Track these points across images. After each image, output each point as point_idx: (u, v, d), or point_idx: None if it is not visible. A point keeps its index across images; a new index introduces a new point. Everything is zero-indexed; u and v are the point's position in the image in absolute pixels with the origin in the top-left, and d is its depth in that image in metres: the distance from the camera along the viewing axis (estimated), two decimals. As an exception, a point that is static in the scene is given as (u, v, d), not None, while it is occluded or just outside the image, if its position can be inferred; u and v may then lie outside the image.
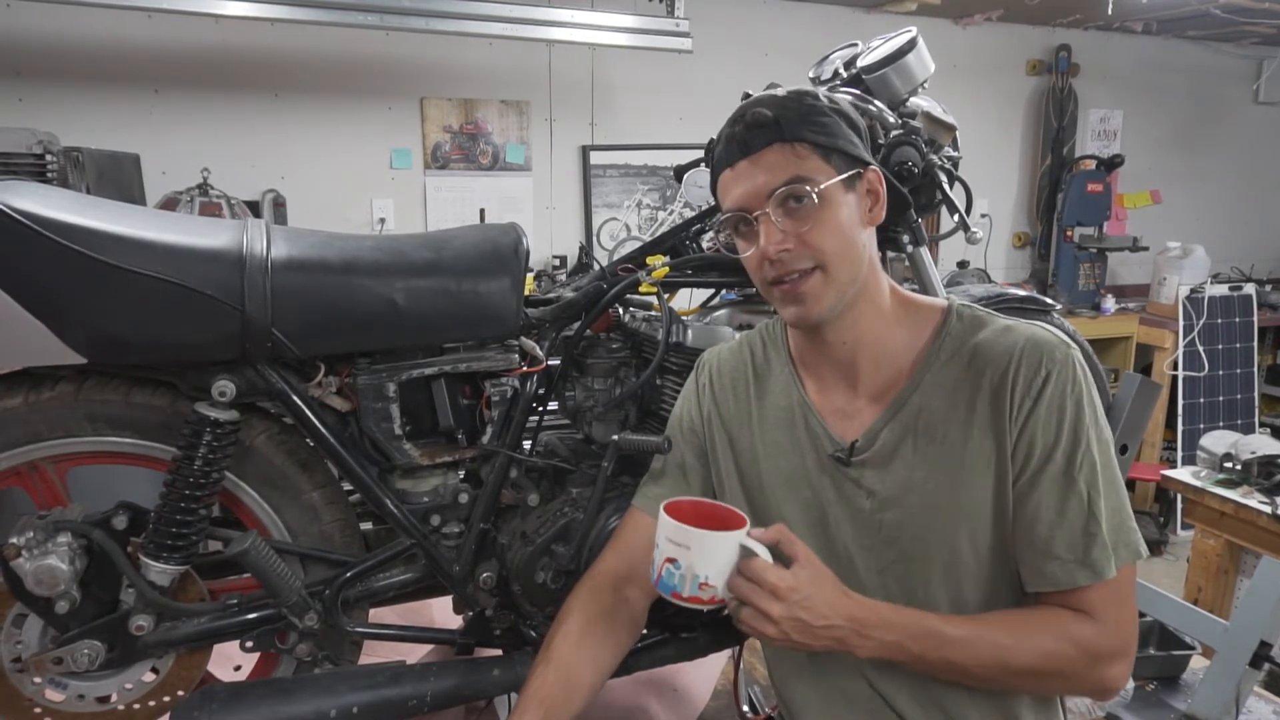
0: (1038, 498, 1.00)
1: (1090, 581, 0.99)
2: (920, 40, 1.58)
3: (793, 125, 1.02)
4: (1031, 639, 0.99)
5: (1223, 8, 3.93)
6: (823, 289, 1.04)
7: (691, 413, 1.24)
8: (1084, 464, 0.99)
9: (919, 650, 0.98)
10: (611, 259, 1.61)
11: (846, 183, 1.03)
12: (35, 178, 2.31)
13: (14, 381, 1.19)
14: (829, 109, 1.04)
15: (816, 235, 1.02)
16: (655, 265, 1.51)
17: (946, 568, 1.05)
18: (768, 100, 1.04)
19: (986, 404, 1.02)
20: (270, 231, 1.23)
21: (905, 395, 1.06)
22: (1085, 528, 0.98)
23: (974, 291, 1.81)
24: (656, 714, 1.67)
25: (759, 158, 1.02)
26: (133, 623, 1.23)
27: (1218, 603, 2.52)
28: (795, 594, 0.93)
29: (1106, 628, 0.99)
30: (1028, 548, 1.02)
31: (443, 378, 1.35)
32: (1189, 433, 4.29)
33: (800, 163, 1.01)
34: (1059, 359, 1.00)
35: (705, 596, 0.96)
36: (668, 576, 0.96)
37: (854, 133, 1.06)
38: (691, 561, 0.95)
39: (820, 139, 1.02)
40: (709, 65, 3.82)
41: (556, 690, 1.07)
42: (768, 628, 0.94)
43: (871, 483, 1.08)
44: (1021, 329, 1.04)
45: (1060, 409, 0.99)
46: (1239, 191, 5.27)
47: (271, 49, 3.21)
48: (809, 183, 1.01)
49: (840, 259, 1.03)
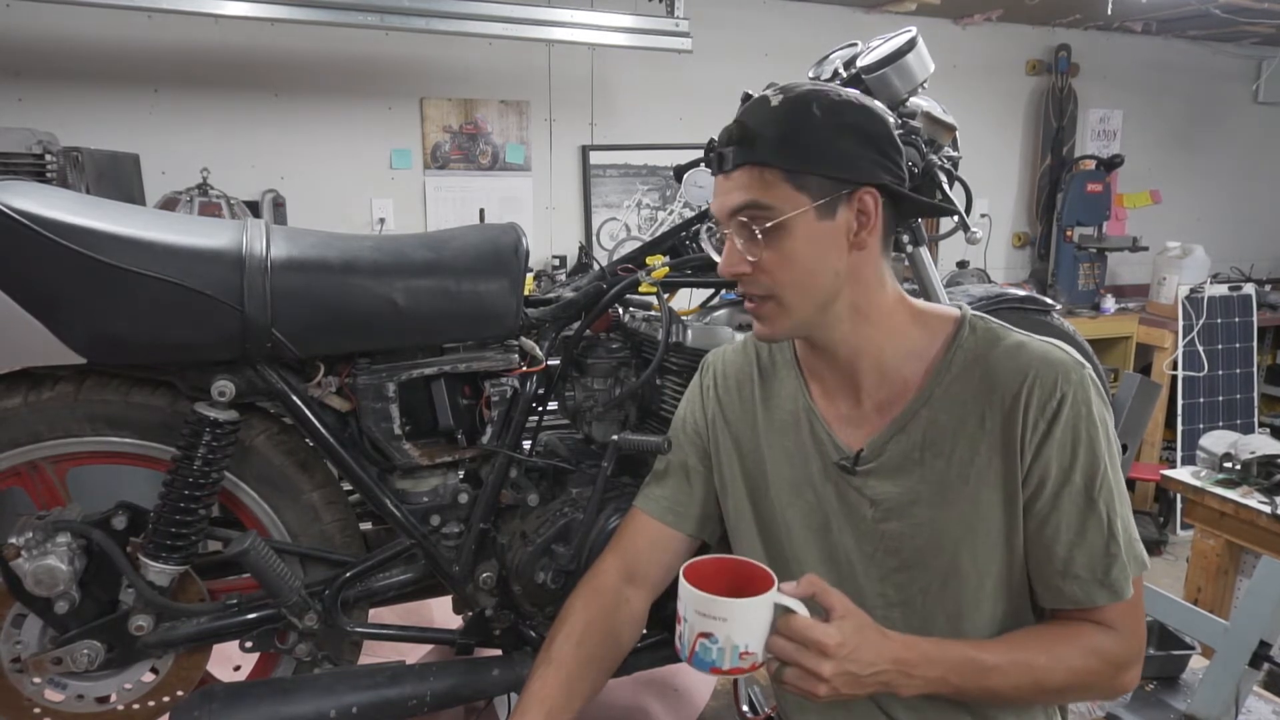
0: (1057, 520, 0.99)
1: (1109, 601, 0.99)
2: (920, 40, 1.58)
3: (766, 147, 0.96)
4: (1062, 658, 0.99)
5: (1223, 8, 3.93)
6: (777, 315, 1.03)
7: (695, 414, 1.24)
8: (1103, 486, 0.98)
9: (960, 682, 0.97)
10: (611, 259, 1.61)
11: (823, 209, 0.97)
12: (35, 178, 2.30)
13: (14, 381, 1.19)
14: (825, 124, 0.96)
15: (773, 265, 0.99)
16: (655, 265, 1.51)
17: (947, 580, 1.04)
18: (756, 112, 0.99)
19: (997, 423, 1.00)
20: (270, 231, 1.23)
21: (914, 408, 1.04)
22: (1106, 549, 0.98)
23: (974, 291, 1.81)
24: (656, 714, 1.67)
25: (730, 174, 1.00)
26: (132, 623, 1.23)
27: (1217, 603, 2.52)
28: (844, 648, 0.89)
29: (1124, 637, 1.00)
30: (1045, 568, 1.01)
31: (442, 378, 1.35)
32: (1189, 433, 4.28)
33: (764, 190, 0.97)
34: (1074, 380, 0.98)
35: (746, 665, 0.89)
36: (703, 652, 0.88)
37: (865, 146, 0.98)
38: (729, 633, 0.88)
39: (792, 164, 0.96)
40: (709, 65, 3.81)
41: (557, 691, 1.07)
42: (819, 687, 0.89)
43: (875, 492, 1.07)
44: (1035, 347, 1.02)
45: (1075, 431, 0.98)
46: (1239, 191, 5.26)
47: (271, 49, 3.20)
48: (766, 212, 0.97)
49: (795, 290, 1.00)
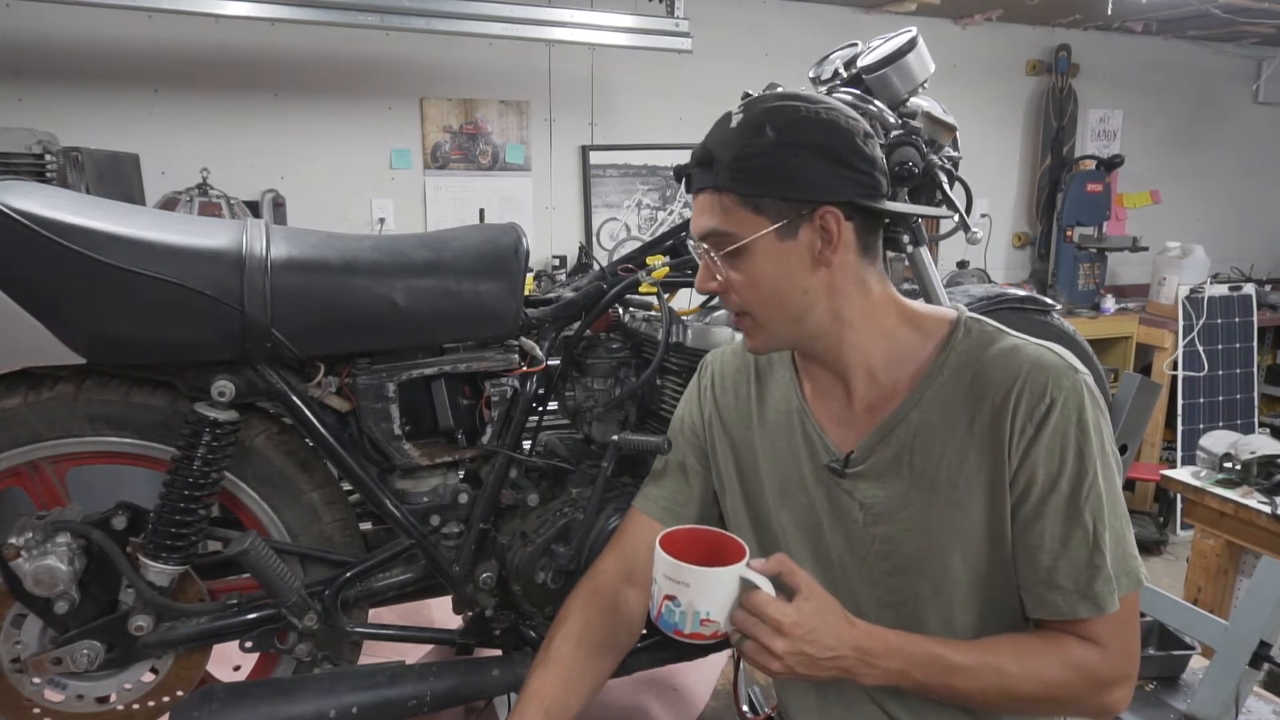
0: (1041, 527, 0.97)
1: (1092, 614, 0.97)
2: (920, 40, 1.58)
3: (722, 172, 0.97)
4: (1036, 668, 0.97)
5: (1223, 8, 3.93)
6: (755, 331, 1.05)
7: (693, 414, 1.24)
8: (1090, 495, 0.95)
9: (923, 678, 0.97)
10: (611, 259, 1.61)
11: (783, 231, 0.97)
12: (35, 178, 2.30)
13: (13, 381, 1.19)
14: (779, 144, 0.95)
15: (741, 286, 1.01)
16: (655, 265, 1.51)
17: (938, 585, 1.04)
18: (715, 134, 1.00)
19: (986, 427, 0.99)
20: (270, 231, 1.23)
21: (904, 410, 1.04)
22: (1090, 560, 0.96)
23: (974, 292, 1.81)
24: (656, 714, 1.67)
25: (696, 198, 1.02)
26: (132, 623, 1.23)
27: (1217, 603, 2.52)
28: (799, 628, 0.91)
29: (1111, 654, 0.98)
30: (1030, 576, 1.00)
31: (442, 378, 1.35)
32: (1189, 433, 4.28)
33: (723, 215, 0.99)
34: (1065, 386, 0.96)
35: (708, 632, 0.94)
36: (668, 614, 0.94)
37: (821, 162, 0.96)
38: (692, 598, 0.93)
39: (745, 190, 0.97)
40: (709, 65, 3.81)
41: (556, 691, 1.07)
42: (771, 663, 0.92)
43: (864, 495, 1.06)
44: (1028, 350, 0.99)
45: (1064, 437, 0.95)
46: (1239, 191, 5.26)
47: (271, 49, 3.20)
48: (725, 238, 0.99)
49: (766, 308, 1.02)
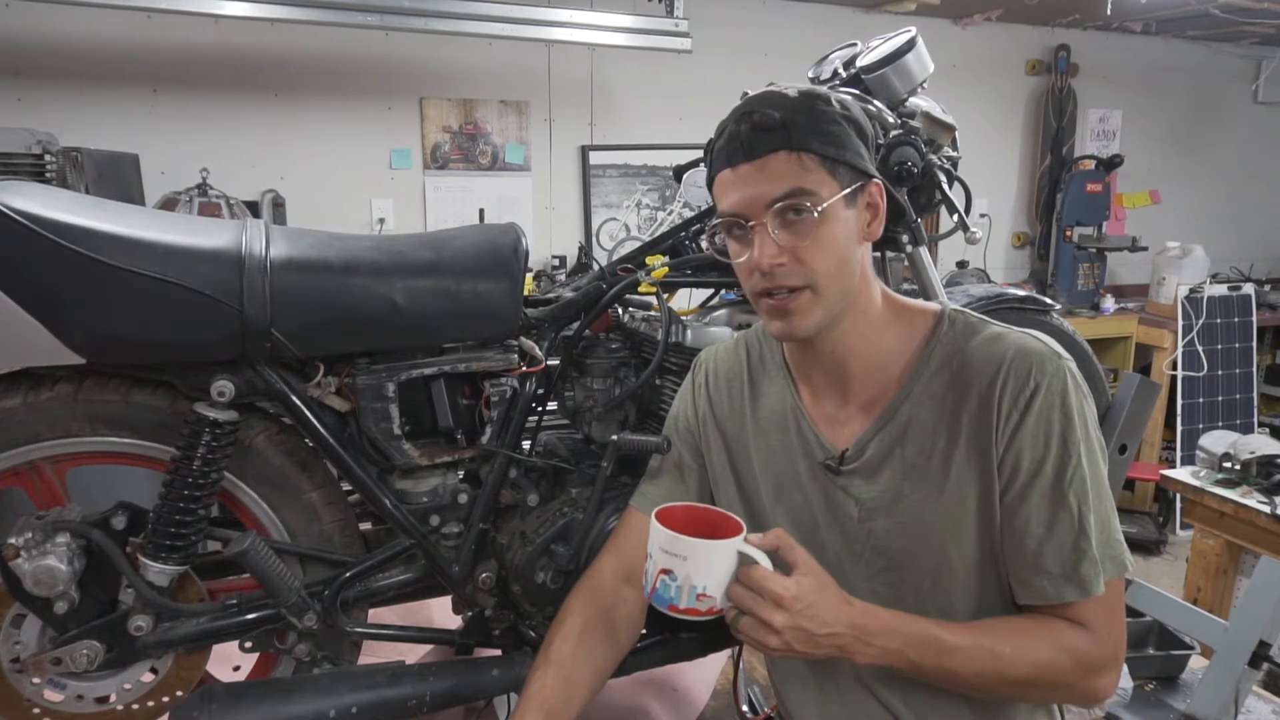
0: (1026, 512, 0.98)
1: (1078, 598, 0.97)
2: (920, 40, 1.58)
3: (801, 133, 0.96)
4: (1028, 650, 0.97)
5: (1222, 8, 3.93)
6: (810, 307, 1.00)
7: (688, 412, 1.24)
8: (1075, 479, 0.96)
9: (918, 658, 0.97)
10: (611, 259, 1.61)
11: (849, 198, 0.99)
12: (34, 178, 2.31)
13: (13, 381, 1.19)
14: (840, 116, 0.98)
15: (812, 253, 0.97)
16: (655, 265, 1.50)
17: (936, 577, 1.04)
18: (777, 101, 0.98)
19: (974, 416, 1.00)
20: (269, 231, 1.23)
21: (895, 405, 1.04)
22: (1075, 544, 0.97)
23: (973, 291, 1.81)
24: (656, 714, 1.67)
25: (763, 163, 0.97)
26: (131, 623, 1.23)
27: (1217, 603, 2.52)
28: (799, 602, 0.90)
29: (1099, 639, 0.98)
30: (1016, 561, 1.00)
31: (442, 378, 1.35)
32: (1188, 433, 4.29)
33: (805, 175, 0.96)
34: (1049, 370, 0.97)
35: (703, 608, 0.92)
36: (663, 589, 0.92)
37: (862, 142, 1.00)
38: (689, 572, 0.91)
39: (829, 150, 0.96)
40: (708, 65, 3.82)
41: (557, 691, 1.07)
42: (770, 638, 0.91)
43: (860, 492, 1.07)
44: (1011, 338, 1.01)
45: (1048, 422, 0.96)
46: (1238, 191, 5.27)
47: (271, 49, 3.21)
48: (811, 197, 0.96)
49: (832, 278, 0.99)
